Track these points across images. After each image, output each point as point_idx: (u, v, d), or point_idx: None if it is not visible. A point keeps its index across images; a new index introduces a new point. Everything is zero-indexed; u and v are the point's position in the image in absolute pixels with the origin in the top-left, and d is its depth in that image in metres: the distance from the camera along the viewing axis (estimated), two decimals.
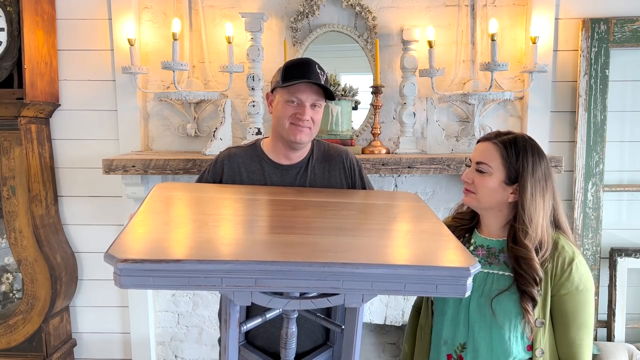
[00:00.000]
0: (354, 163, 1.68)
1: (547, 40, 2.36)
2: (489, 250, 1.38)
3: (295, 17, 2.42)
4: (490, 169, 1.32)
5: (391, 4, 2.44)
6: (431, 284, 0.93)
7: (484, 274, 1.35)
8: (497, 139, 1.34)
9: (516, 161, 1.30)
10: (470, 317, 1.34)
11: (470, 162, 1.39)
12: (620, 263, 2.42)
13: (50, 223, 2.46)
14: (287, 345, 1.25)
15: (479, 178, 1.33)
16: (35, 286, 2.36)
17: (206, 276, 0.88)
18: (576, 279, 1.28)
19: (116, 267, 0.84)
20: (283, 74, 1.53)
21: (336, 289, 0.92)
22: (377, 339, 2.81)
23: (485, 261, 1.37)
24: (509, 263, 1.33)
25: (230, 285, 0.89)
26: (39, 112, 2.38)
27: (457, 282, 0.93)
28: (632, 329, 2.48)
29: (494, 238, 1.38)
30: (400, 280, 0.92)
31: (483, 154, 1.34)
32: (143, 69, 2.39)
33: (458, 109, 2.49)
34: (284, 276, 0.90)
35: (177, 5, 2.45)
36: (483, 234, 1.41)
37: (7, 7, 2.24)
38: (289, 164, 1.62)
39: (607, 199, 2.47)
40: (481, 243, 1.40)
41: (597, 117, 2.38)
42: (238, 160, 1.62)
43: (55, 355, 2.43)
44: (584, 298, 1.29)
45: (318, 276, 0.90)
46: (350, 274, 0.91)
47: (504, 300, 1.30)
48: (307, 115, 1.52)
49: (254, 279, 0.89)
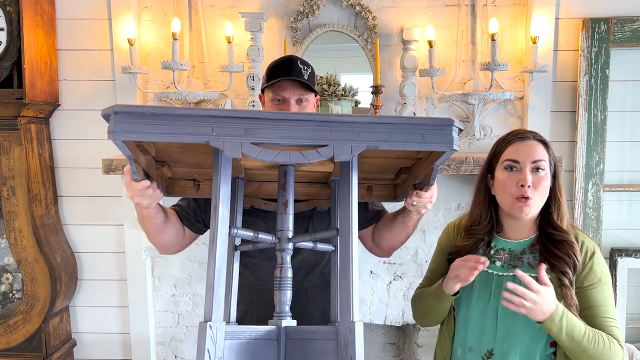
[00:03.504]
0: None
1: (547, 40, 2.36)
2: (511, 253, 1.36)
3: (295, 17, 2.42)
4: (546, 166, 1.30)
5: (391, 4, 2.43)
6: (417, 133, 0.95)
7: (509, 278, 1.31)
8: (536, 137, 1.34)
9: (554, 155, 1.34)
10: (498, 323, 1.31)
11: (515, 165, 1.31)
12: (620, 263, 2.42)
13: (50, 223, 2.45)
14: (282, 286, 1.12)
15: (539, 178, 1.29)
16: (35, 286, 2.36)
17: (198, 123, 0.88)
18: (598, 271, 1.30)
19: (112, 112, 0.89)
20: (267, 75, 1.55)
21: (325, 139, 0.93)
22: (377, 339, 2.81)
23: (509, 264, 1.34)
24: (534, 264, 1.32)
25: (221, 134, 0.89)
26: (39, 112, 2.38)
27: (443, 131, 0.96)
28: (632, 329, 2.48)
29: (519, 240, 1.36)
30: (387, 130, 0.94)
31: (537, 152, 1.30)
32: (143, 68, 2.39)
33: (458, 108, 2.49)
34: (273, 125, 0.90)
35: (177, 5, 2.45)
36: (505, 237, 1.38)
37: (7, 7, 2.24)
38: None
39: (607, 199, 2.47)
40: (502, 246, 1.37)
41: (597, 117, 2.38)
42: None
43: (55, 355, 2.43)
44: (608, 290, 1.31)
45: (306, 126, 0.91)
46: (338, 124, 0.92)
47: None
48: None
49: (244, 129, 0.89)
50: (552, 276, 1.28)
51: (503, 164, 1.33)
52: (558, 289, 1.27)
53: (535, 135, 1.34)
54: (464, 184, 2.41)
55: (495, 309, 1.32)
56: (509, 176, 1.31)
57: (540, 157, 1.29)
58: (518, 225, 1.36)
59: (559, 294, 1.26)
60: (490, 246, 1.39)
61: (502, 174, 1.33)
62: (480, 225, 1.40)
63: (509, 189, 1.30)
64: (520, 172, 1.29)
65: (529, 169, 1.29)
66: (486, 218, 1.40)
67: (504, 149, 1.35)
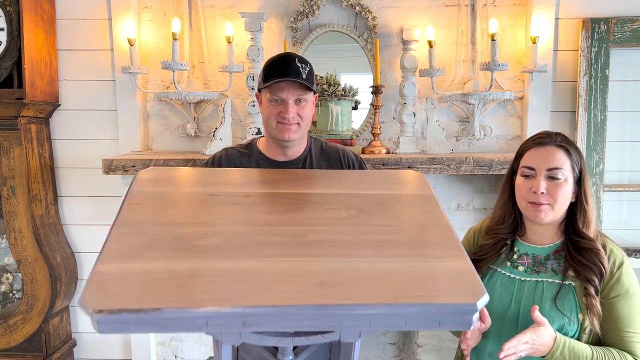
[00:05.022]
0: (351, 159, 1.66)
1: (547, 40, 2.36)
2: (534, 258, 1.34)
3: (295, 17, 2.42)
4: (565, 174, 1.27)
5: (391, 4, 2.44)
6: (434, 320, 0.86)
7: (532, 283, 1.30)
8: (557, 142, 1.29)
9: (580, 161, 1.30)
10: (519, 329, 1.27)
11: (530, 172, 1.29)
12: None
13: (50, 223, 2.45)
14: None
15: (555, 186, 1.26)
16: (35, 286, 2.36)
17: (190, 322, 0.83)
18: (626, 282, 1.26)
19: (92, 317, 0.80)
20: (264, 73, 1.53)
21: (332, 326, 0.86)
22: (377, 339, 2.81)
23: (532, 270, 1.33)
24: (557, 270, 1.30)
25: (217, 328, 0.84)
26: (39, 112, 2.38)
27: (461, 319, 0.86)
28: None
29: (542, 245, 1.35)
30: (400, 318, 0.86)
31: (555, 159, 1.27)
32: (143, 68, 2.39)
33: (458, 109, 2.49)
34: (274, 319, 0.85)
35: (177, 5, 2.45)
36: (528, 242, 1.36)
37: (7, 7, 2.24)
38: (287, 160, 1.61)
39: (607, 199, 2.47)
40: (526, 251, 1.36)
41: (597, 117, 2.38)
42: (236, 161, 1.61)
43: (55, 355, 2.43)
44: (636, 301, 1.26)
45: (312, 317, 0.85)
46: (346, 315, 0.85)
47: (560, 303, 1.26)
48: (291, 113, 1.50)
49: (242, 322, 0.84)
50: (577, 284, 1.26)
51: (521, 169, 1.32)
52: (583, 297, 1.25)
53: (557, 140, 1.30)
54: (463, 184, 2.42)
55: (516, 314, 1.30)
56: (524, 181, 1.31)
57: (557, 165, 1.26)
58: (541, 230, 1.34)
59: (584, 304, 1.25)
60: (514, 250, 1.37)
61: (519, 179, 1.33)
62: (503, 225, 1.39)
63: (523, 194, 1.30)
64: (535, 179, 1.28)
65: (544, 177, 1.27)
66: (510, 218, 1.38)
67: (523, 154, 1.34)
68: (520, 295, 1.30)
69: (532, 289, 1.30)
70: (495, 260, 1.38)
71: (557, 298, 1.26)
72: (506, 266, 1.36)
